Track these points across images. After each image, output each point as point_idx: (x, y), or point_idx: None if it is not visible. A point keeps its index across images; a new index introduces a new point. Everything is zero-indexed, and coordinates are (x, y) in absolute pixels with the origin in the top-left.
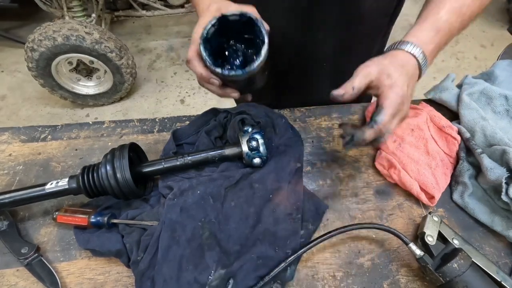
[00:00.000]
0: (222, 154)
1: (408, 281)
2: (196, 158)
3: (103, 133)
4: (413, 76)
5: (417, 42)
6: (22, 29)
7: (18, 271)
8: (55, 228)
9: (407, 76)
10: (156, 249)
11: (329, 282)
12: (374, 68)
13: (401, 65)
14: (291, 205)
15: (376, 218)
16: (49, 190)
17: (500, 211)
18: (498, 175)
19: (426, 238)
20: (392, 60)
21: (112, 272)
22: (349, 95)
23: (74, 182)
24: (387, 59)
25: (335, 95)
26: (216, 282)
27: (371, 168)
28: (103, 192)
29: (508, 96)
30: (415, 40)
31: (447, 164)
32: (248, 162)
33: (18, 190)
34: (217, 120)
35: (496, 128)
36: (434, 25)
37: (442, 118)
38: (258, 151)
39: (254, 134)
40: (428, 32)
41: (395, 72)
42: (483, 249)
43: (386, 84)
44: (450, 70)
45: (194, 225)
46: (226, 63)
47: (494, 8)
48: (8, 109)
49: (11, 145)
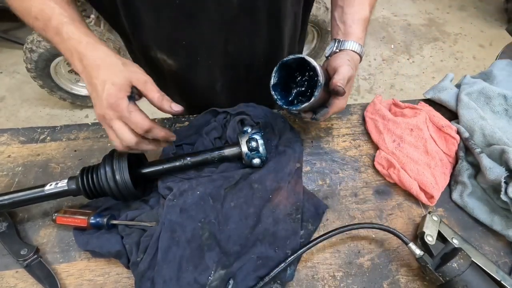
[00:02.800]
0: (221, 155)
1: (408, 281)
2: (196, 159)
3: (102, 134)
4: (356, 62)
5: (361, 43)
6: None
7: (17, 273)
8: (54, 230)
9: (355, 64)
10: (156, 250)
11: (329, 282)
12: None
13: (355, 65)
14: (290, 205)
15: (375, 218)
16: (48, 192)
17: (500, 210)
18: (497, 175)
19: (426, 237)
20: (353, 62)
21: (112, 273)
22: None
23: (73, 183)
24: (350, 61)
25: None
26: (216, 282)
27: (371, 168)
28: (102, 193)
29: (506, 95)
30: (361, 42)
31: (446, 163)
32: (248, 163)
33: (17, 191)
34: (216, 120)
35: (495, 128)
36: (365, 24)
37: (441, 117)
38: (258, 151)
39: (254, 134)
40: (363, 32)
41: (352, 79)
42: (483, 249)
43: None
44: (449, 70)
45: (193, 225)
46: None
47: (493, 8)
48: (7, 110)
49: (10, 147)
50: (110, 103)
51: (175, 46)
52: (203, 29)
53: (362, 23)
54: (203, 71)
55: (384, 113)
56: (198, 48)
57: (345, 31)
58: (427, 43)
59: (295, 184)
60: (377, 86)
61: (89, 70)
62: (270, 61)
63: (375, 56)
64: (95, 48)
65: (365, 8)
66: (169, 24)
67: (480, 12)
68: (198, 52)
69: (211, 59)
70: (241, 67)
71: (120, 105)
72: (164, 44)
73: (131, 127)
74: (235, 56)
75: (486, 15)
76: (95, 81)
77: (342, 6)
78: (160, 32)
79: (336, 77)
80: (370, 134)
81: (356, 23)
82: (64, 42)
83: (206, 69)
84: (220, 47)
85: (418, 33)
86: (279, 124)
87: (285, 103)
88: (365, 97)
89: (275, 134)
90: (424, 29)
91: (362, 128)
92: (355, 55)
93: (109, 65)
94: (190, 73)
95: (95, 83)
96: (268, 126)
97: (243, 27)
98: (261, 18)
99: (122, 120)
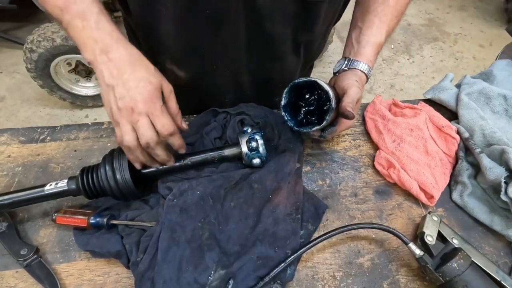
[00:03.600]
0: (221, 155)
1: (408, 281)
2: (196, 159)
3: (102, 134)
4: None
5: (371, 65)
6: (20, 30)
7: (17, 273)
8: (54, 230)
9: (363, 85)
10: (155, 250)
11: (329, 282)
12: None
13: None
14: (290, 206)
15: (375, 218)
16: (48, 192)
17: (500, 210)
18: (497, 175)
19: (426, 237)
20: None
21: (112, 273)
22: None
23: (73, 183)
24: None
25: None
26: (216, 282)
27: (371, 168)
28: (102, 193)
29: (506, 95)
30: (370, 64)
31: (446, 163)
32: (248, 163)
33: (17, 191)
34: (216, 120)
35: (495, 128)
36: (379, 48)
37: (441, 118)
38: (258, 151)
39: (254, 134)
40: (375, 56)
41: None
42: (483, 249)
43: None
44: (449, 70)
45: (193, 225)
46: None
47: (493, 8)
48: (7, 110)
49: (10, 146)
50: (146, 99)
51: (192, 55)
52: (227, 40)
53: (376, 46)
54: (216, 82)
55: (384, 113)
56: (217, 57)
57: (357, 51)
58: (427, 43)
59: (295, 184)
60: (377, 86)
61: (118, 64)
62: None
63: None
64: (127, 46)
65: (382, 33)
66: (192, 32)
67: (480, 12)
68: (216, 61)
69: (229, 69)
70: (259, 83)
71: (156, 103)
72: (177, 54)
73: (158, 126)
74: (254, 72)
75: (486, 15)
76: (126, 76)
77: (361, 27)
78: (179, 41)
79: (345, 99)
80: (370, 134)
81: (370, 46)
82: (88, 30)
83: (221, 80)
84: (242, 60)
85: (418, 33)
86: (279, 124)
87: (295, 125)
88: (365, 97)
89: (275, 134)
90: (424, 29)
91: (362, 128)
92: (362, 76)
93: (144, 65)
94: (200, 84)
95: (127, 78)
96: (268, 126)
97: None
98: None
99: (151, 117)
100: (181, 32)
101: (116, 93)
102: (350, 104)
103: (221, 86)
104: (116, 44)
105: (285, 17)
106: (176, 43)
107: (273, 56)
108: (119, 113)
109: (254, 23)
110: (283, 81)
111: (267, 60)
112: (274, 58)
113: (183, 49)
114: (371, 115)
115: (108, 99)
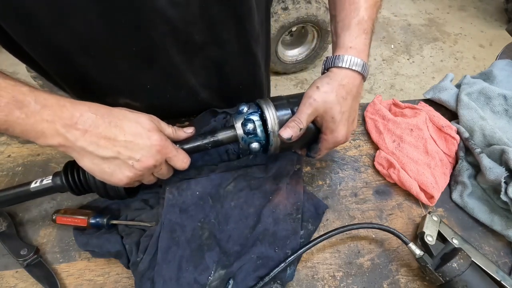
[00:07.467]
0: (215, 140)
1: (408, 281)
2: (187, 148)
3: None
4: (358, 94)
5: (354, 53)
6: None
7: (17, 273)
8: (54, 229)
9: (352, 100)
10: (155, 250)
11: (329, 282)
12: (321, 105)
13: (346, 91)
14: (290, 205)
15: (375, 218)
16: (34, 190)
17: (499, 210)
18: (497, 175)
19: (426, 237)
20: (336, 88)
21: (112, 273)
22: (297, 136)
23: (58, 179)
24: (330, 84)
25: (285, 138)
26: (216, 282)
27: (371, 168)
28: (88, 189)
29: (506, 95)
30: (353, 52)
31: (446, 163)
32: (245, 147)
33: (2, 190)
34: (216, 120)
35: (495, 128)
36: (361, 28)
37: (441, 118)
38: (256, 134)
39: (250, 115)
40: (359, 39)
41: (340, 111)
42: (483, 249)
43: (329, 127)
44: (449, 70)
45: (193, 225)
46: None
47: (493, 8)
48: None
49: (10, 146)
50: (158, 149)
51: (138, 89)
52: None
53: (355, 28)
54: (178, 104)
55: (384, 113)
56: (161, 87)
57: (336, 44)
58: (427, 43)
59: (295, 184)
60: (377, 86)
61: (98, 131)
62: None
63: (375, 56)
64: (85, 105)
65: (358, 8)
66: (128, 72)
67: (480, 12)
68: (164, 90)
69: (183, 90)
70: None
71: (168, 146)
72: (124, 92)
73: (177, 165)
74: (208, 85)
75: (486, 15)
76: (121, 138)
77: (334, 14)
78: (122, 82)
79: (288, 122)
80: (370, 134)
81: (346, 30)
82: (34, 114)
83: (182, 102)
84: (190, 81)
85: (418, 33)
86: None
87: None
88: (365, 97)
89: None
90: (424, 29)
91: (362, 128)
92: (343, 75)
93: (122, 115)
94: (165, 106)
95: (124, 140)
96: None
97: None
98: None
99: (168, 160)
100: (116, 73)
101: (124, 160)
102: (292, 123)
103: (185, 106)
104: (75, 110)
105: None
106: (121, 83)
107: (216, 64)
108: (141, 174)
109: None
110: (243, 78)
111: (212, 71)
112: (218, 65)
113: (128, 88)
114: (371, 115)
115: (117, 171)
